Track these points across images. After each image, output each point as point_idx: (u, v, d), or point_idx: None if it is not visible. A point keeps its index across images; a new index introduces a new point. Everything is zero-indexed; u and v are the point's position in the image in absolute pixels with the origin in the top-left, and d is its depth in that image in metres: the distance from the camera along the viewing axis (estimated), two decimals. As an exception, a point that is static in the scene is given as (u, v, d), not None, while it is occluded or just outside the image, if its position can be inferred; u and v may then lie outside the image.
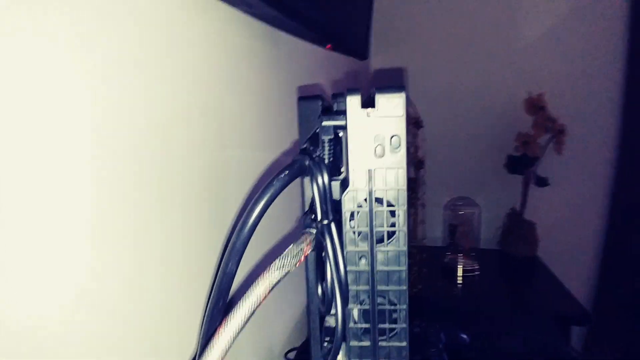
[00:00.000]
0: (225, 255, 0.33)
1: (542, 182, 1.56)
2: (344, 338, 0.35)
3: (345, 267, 0.33)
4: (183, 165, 0.44)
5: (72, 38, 0.30)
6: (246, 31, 0.62)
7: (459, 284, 1.36)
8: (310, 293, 0.38)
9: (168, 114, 0.41)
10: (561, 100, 1.58)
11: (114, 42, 0.34)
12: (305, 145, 0.37)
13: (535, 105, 1.50)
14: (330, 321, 0.45)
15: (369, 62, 1.73)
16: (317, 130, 0.39)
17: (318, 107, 0.41)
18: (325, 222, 0.33)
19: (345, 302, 0.33)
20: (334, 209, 0.33)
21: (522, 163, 1.56)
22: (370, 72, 1.78)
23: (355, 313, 0.35)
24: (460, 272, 1.41)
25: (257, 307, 0.31)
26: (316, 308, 0.45)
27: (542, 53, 1.64)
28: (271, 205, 0.33)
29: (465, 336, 0.89)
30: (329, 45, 0.84)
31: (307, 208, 0.41)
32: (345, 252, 0.34)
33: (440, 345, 0.83)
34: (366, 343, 0.36)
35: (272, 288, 0.32)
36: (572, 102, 1.61)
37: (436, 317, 0.86)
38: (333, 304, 0.35)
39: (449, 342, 0.86)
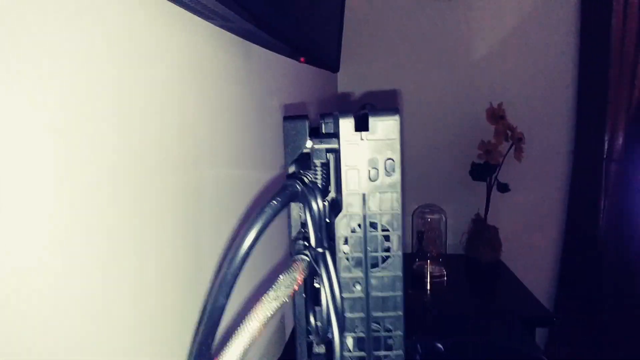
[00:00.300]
0: (214, 287, 0.31)
1: (503, 188, 1.62)
2: None
3: (341, 295, 0.32)
4: (156, 187, 0.42)
5: (32, 54, 0.27)
6: (220, 45, 0.60)
7: (428, 290, 1.38)
8: (299, 323, 0.36)
9: (139, 133, 0.39)
10: (519, 110, 1.65)
11: (79, 57, 0.31)
12: (293, 169, 0.36)
13: (495, 115, 1.56)
14: (318, 349, 0.43)
15: (336, 76, 1.75)
16: (305, 152, 0.38)
17: (305, 128, 0.39)
18: (320, 250, 0.32)
19: (342, 331, 0.32)
20: (327, 235, 0.32)
21: (484, 170, 1.61)
22: (338, 85, 1.79)
23: (349, 341, 0.34)
24: (429, 279, 1.43)
25: (252, 343, 0.29)
26: (304, 335, 0.43)
27: (499, 65, 1.72)
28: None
29: (440, 345, 0.90)
30: (302, 59, 0.83)
31: (294, 232, 0.39)
32: (339, 279, 0.33)
33: (418, 357, 0.83)
34: (362, 373, 0.35)
35: (267, 321, 0.30)
36: (529, 111, 1.69)
37: (408, 324, 0.86)
38: (329, 333, 0.34)
39: (425, 352, 0.87)
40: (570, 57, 1.68)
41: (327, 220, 0.35)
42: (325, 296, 0.32)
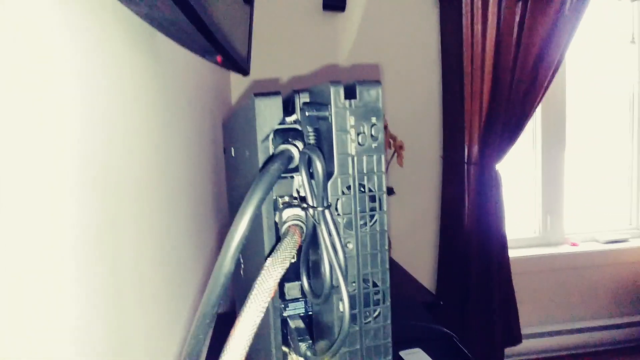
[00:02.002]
0: (225, 245, 0.29)
1: (388, 191, 1.79)
2: (353, 322, 0.35)
3: (344, 252, 0.33)
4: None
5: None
6: (130, 37, 0.56)
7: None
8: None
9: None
10: (398, 122, 1.85)
11: None
12: (267, 146, 0.36)
13: (381, 125, 1.73)
14: (296, 323, 0.43)
15: (229, 80, 1.74)
16: (277, 128, 0.39)
17: (279, 104, 0.40)
18: (321, 209, 0.33)
19: (347, 286, 0.33)
20: (326, 195, 0.34)
21: (374, 175, 1.76)
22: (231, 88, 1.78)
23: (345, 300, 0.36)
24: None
25: (268, 302, 0.29)
26: (278, 308, 0.43)
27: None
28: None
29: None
30: (219, 58, 0.82)
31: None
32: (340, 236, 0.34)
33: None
34: (354, 328, 0.36)
35: (278, 282, 0.30)
36: (406, 124, 1.91)
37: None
38: (331, 292, 0.35)
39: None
40: (435, 80, 1.96)
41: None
42: (327, 254, 0.33)
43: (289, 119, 0.39)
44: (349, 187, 0.36)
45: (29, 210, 0.29)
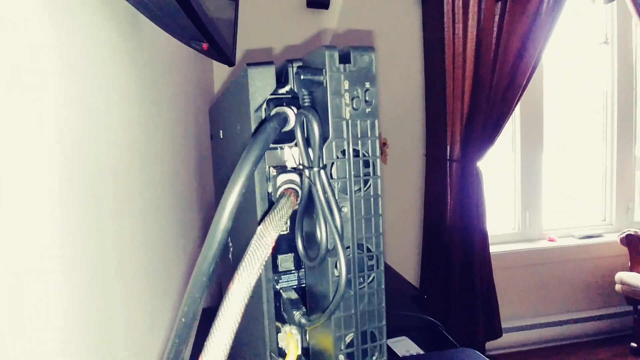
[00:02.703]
0: (222, 201, 0.29)
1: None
2: (349, 286, 0.35)
3: (340, 212, 0.33)
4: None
5: None
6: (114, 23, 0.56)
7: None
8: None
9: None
10: (381, 119, 1.87)
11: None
12: (260, 115, 0.36)
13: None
14: (290, 294, 0.43)
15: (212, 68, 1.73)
16: (270, 98, 0.39)
17: (272, 74, 0.40)
18: (316, 169, 0.33)
19: (344, 248, 0.33)
20: (322, 156, 0.34)
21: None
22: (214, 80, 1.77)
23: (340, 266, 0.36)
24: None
25: (267, 256, 0.29)
26: (271, 280, 0.43)
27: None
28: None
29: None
30: (205, 45, 0.81)
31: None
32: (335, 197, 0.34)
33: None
34: (349, 293, 0.36)
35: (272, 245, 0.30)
36: (389, 121, 1.93)
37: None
38: (327, 255, 0.35)
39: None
40: (418, 78, 1.99)
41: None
42: (323, 214, 0.33)
43: (282, 91, 0.39)
44: (343, 152, 0.36)
45: (6, 193, 0.28)
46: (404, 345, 0.94)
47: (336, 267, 0.35)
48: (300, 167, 0.34)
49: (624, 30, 2.19)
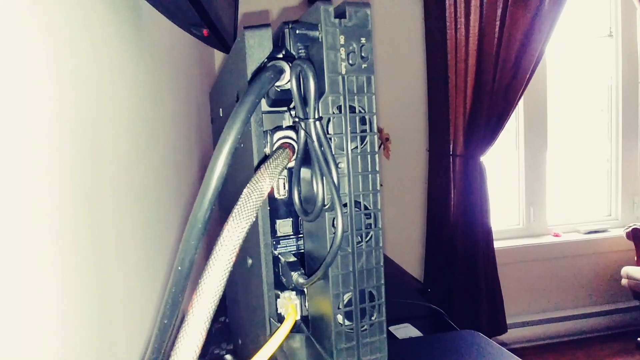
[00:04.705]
0: (218, 148, 0.29)
1: (376, 182, 1.80)
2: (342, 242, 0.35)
3: (336, 165, 0.33)
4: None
5: None
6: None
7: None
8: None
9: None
10: (384, 115, 1.87)
11: None
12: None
13: (368, 114, 1.74)
14: (288, 258, 0.43)
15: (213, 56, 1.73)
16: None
17: (268, 37, 0.40)
18: (312, 120, 0.33)
19: (340, 201, 0.33)
20: (317, 108, 0.34)
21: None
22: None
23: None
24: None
25: (263, 200, 0.29)
26: (269, 245, 0.43)
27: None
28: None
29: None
30: (205, 31, 0.82)
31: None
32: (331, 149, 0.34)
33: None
34: (347, 251, 0.36)
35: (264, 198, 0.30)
36: (392, 117, 1.92)
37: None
38: (323, 209, 0.35)
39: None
40: (420, 73, 1.99)
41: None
42: (319, 167, 0.33)
43: (279, 55, 0.39)
44: (339, 108, 0.36)
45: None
46: (406, 331, 0.93)
47: (333, 225, 0.35)
48: (297, 119, 0.34)
49: (628, 22, 2.18)
